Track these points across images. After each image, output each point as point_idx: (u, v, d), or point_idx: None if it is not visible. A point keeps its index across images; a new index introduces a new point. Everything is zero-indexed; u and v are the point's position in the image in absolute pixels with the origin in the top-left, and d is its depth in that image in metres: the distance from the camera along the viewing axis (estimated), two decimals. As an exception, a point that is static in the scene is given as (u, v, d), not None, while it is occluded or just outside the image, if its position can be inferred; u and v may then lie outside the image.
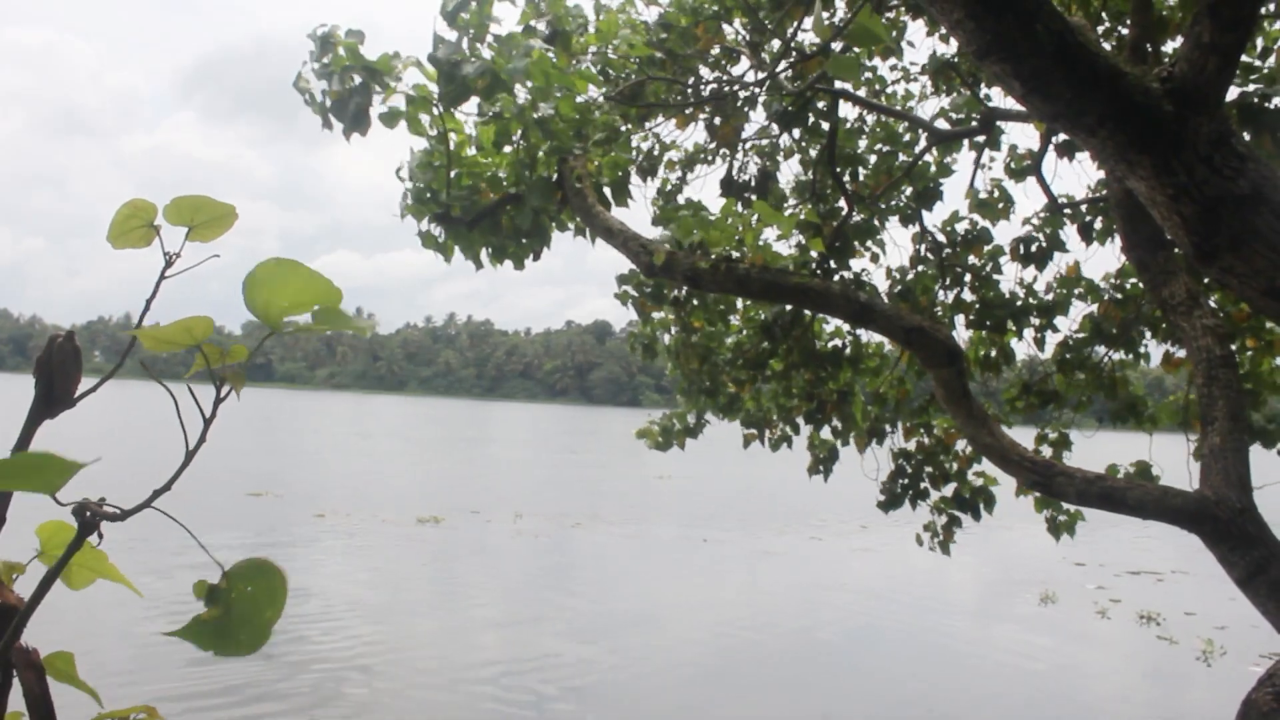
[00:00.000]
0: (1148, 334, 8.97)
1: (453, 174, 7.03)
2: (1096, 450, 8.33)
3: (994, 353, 9.43)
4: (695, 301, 8.56)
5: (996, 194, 9.37)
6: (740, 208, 7.58)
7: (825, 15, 7.72)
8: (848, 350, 8.86)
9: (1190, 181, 3.31)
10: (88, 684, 1.47)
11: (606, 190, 7.15)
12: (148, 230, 1.33)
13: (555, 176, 6.88)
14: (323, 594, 17.94)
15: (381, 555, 22.26)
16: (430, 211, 7.10)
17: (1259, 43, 7.36)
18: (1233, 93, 6.79)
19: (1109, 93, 3.25)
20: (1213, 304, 7.68)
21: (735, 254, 6.14)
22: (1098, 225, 8.91)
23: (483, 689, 12.96)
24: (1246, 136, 6.35)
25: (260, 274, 1.18)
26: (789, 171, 9.64)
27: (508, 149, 7.02)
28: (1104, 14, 7.96)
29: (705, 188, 36.30)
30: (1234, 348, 8.00)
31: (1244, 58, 7.25)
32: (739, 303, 8.72)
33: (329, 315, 1.19)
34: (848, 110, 9.14)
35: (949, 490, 9.19)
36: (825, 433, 9.33)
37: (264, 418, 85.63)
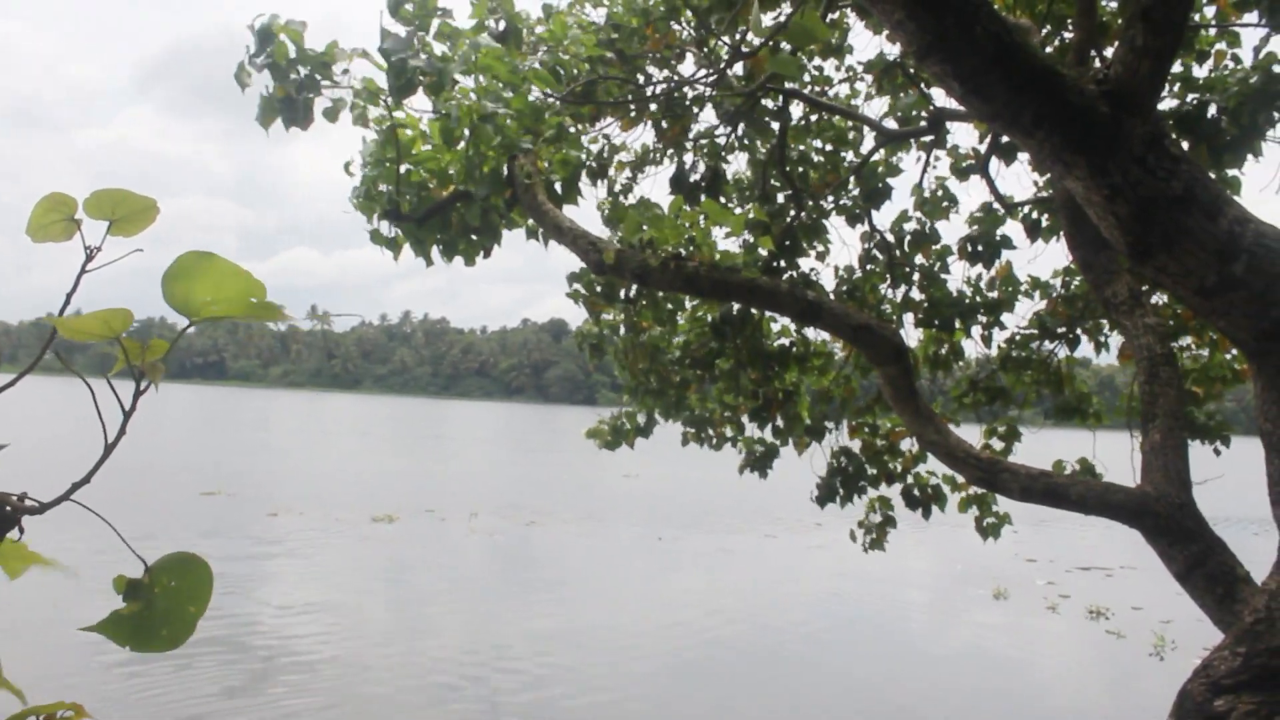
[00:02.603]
0: (1105, 326, 9.06)
1: (402, 169, 6.99)
2: (1047, 447, 8.44)
3: (944, 350, 9.51)
4: (644, 301, 8.57)
5: (941, 193, 9.45)
6: (690, 206, 7.59)
7: (771, 14, 7.75)
8: (795, 349, 8.90)
9: (1124, 182, 3.36)
10: (11, 682, 1.46)
11: (558, 187, 7.15)
12: (68, 224, 1.32)
13: (505, 173, 6.86)
14: (272, 593, 17.78)
15: (335, 554, 22.11)
16: (380, 207, 7.05)
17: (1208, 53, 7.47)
18: (1172, 103, 6.92)
19: (1046, 94, 3.30)
20: (1161, 301, 7.82)
21: (684, 252, 6.15)
22: (1045, 223, 9.01)
23: (434, 689, 12.91)
24: (1185, 146, 6.47)
25: (178, 267, 1.18)
26: (738, 170, 9.68)
27: (460, 145, 6.98)
28: (1049, 17, 8.05)
29: (656, 188, 36.35)
30: (1179, 345, 8.15)
31: (1181, 68, 7.40)
32: (687, 302, 8.73)
33: (243, 305, 1.19)
34: (797, 109, 9.18)
35: (895, 489, 9.25)
36: (768, 432, 9.36)
37: (217, 416, 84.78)
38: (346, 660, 13.90)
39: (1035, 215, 9.03)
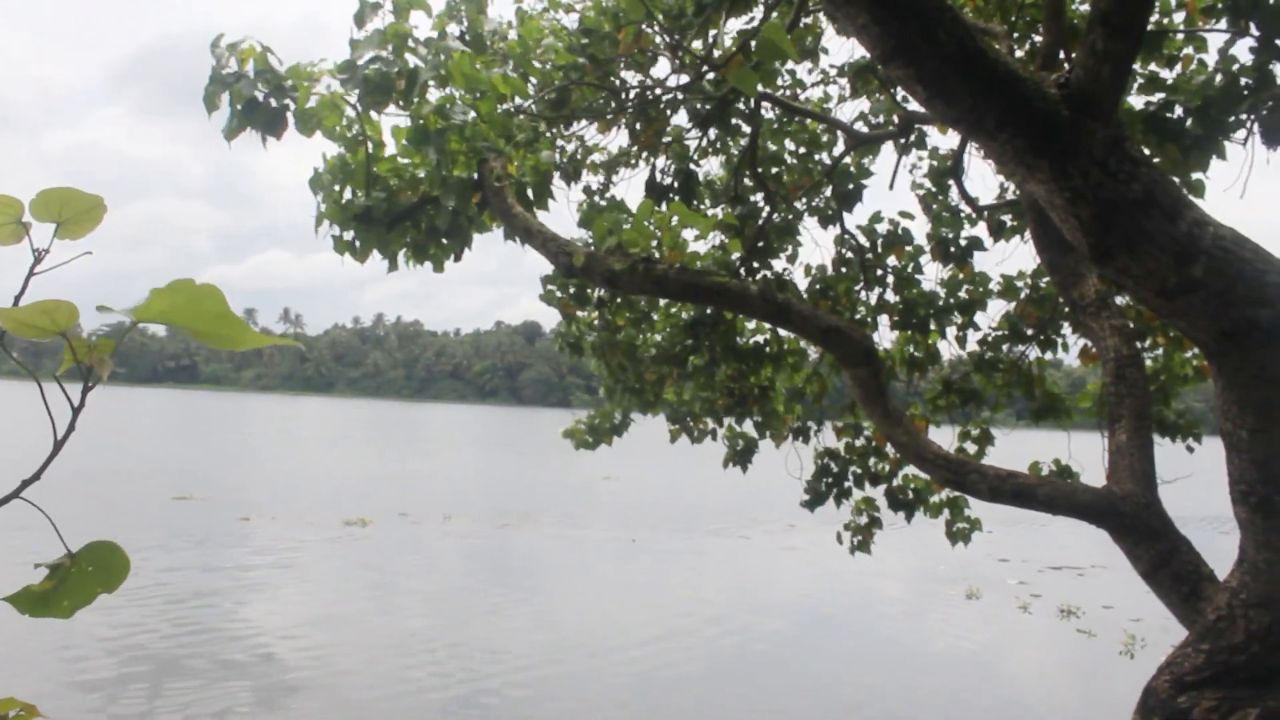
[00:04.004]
0: (1063, 330, 9.13)
1: (371, 174, 6.97)
2: (1020, 448, 8.49)
3: (918, 352, 9.56)
4: (618, 300, 8.58)
5: (926, 194, 9.50)
6: (663, 208, 7.61)
7: (744, 18, 7.78)
8: (769, 347, 8.93)
9: (1086, 185, 3.39)
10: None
11: (529, 192, 7.15)
12: (16, 227, 1.31)
13: (475, 177, 6.85)
14: (242, 599, 17.68)
15: (307, 559, 21.99)
16: (347, 213, 7.02)
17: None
18: (1139, 103, 6.99)
19: (1008, 98, 3.33)
20: (1125, 302, 7.88)
21: (654, 255, 6.16)
22: (1010, 225, 9.08)
23: (408, 694, 12.86)
24: (1154, 145, 6.53)
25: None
26: (711, 172, 9.69)
27: (428, 151, 6.98)
28: (1019, 21, 8.11)
29: (631, 190, 36.40)
30: (1144, 345, 8.22)
31: (1150, 69, 7.47)
32: (661, 301, 8.75)
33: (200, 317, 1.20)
34: (769, 111, 9.20)
35: (879, 491, 9.29)
36: (747, 426, 9.40)
37: (189, 420, 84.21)
38: (317, 667, 13.82)
39: (1001, 218, 9.09)
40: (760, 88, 8.57)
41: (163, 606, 16.46)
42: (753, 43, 6.42)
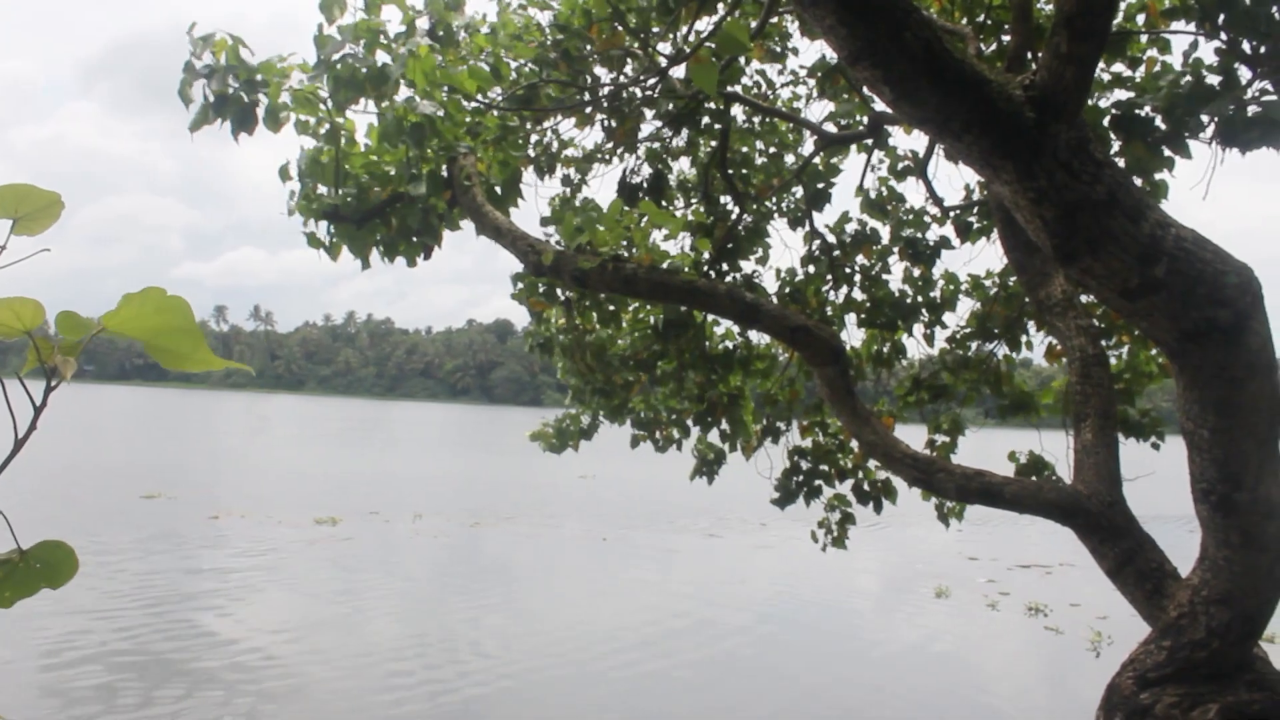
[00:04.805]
0: (1030, 328, 9.20)
1: (342, 171, 6.95)
2: (989, 446, 8.55)
3: (886, 350, 9.62)
4: (586, 301, 8.57)
5: (886, 193, 9.55)
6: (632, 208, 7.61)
7: (711, 18, 7.80)
8: (738, 352, 8.95)
9: (1050, 186, 3.43)
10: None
11: (499, 189, 7.14)
12: (-31, 224, 1.30)
13: (445, 174, 6.84)
14: (210, 600, 17.55)
15: (276, 558, 21.85)
16: (319, 209, 7.00)
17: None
18: (1106, 102, 7.06)
19: (973, 99, 3.35)
20: (1091, 301, 7.95)
21: (624, 254, 6.17)
22: (977, 225, 9.14)
23: (377, 694, 12.81)
24: (1120, 144, 6.60)
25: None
26: (682, 171, 9.70)
27: (399, 147, 6.96)
28: (987, 23, 8.17)
29: (604, 187, 36.33)
30: (1109, 344, 8.30)
31: (1117, 69, 7.54)
32: (630, 304, 8.75)
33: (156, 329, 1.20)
34: (740, 111, 9.22)
35: (846, 486, 9.33)
36: (714, 436, 9.40)
37: (158, 418, 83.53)
38: (285, 668, 13.75)
39: (968, 218, 9.15)
40: (730, 88, 8.60)
41: (126, 606, 16.33)
42: (710, 43, 6.44)
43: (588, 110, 8.49)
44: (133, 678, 12.66)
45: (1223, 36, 6.08)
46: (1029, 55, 6.34)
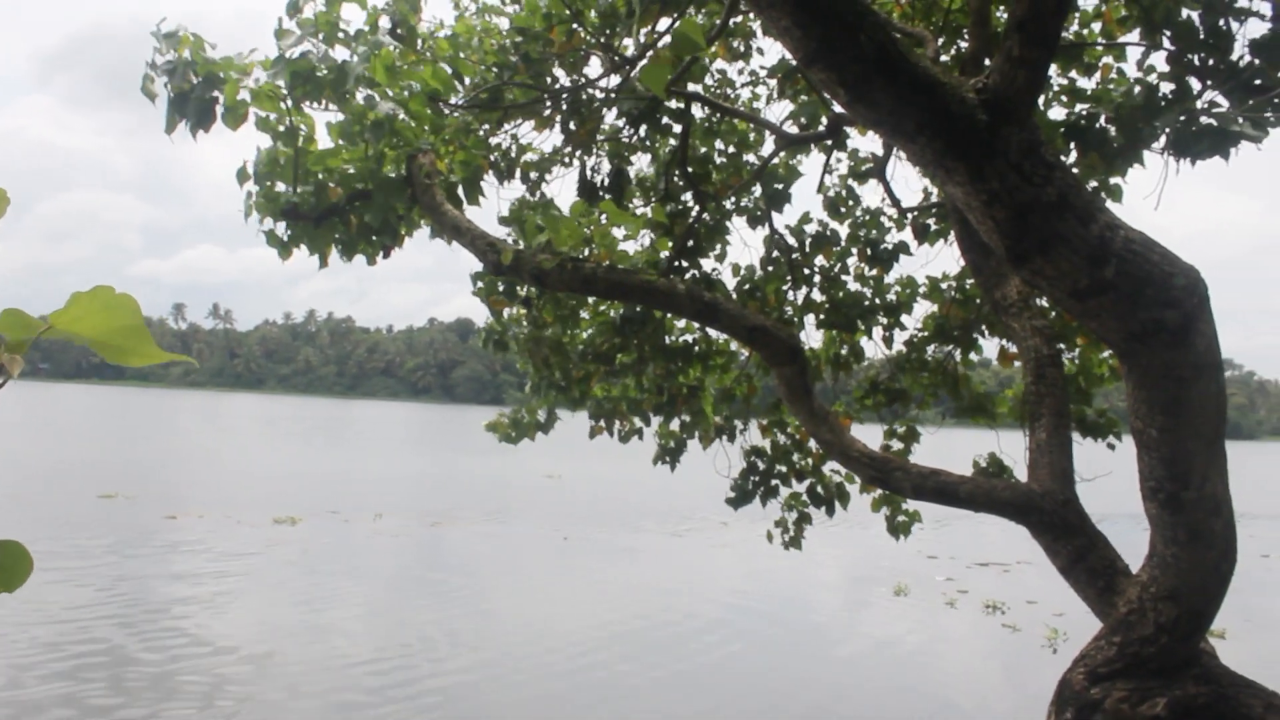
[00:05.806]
0: (985, 331, 9.31)
1: (300, 170, 6.90)
2: (948, 446, 8.62)
3: (845, 351, 9.68)
4: (545, 300, 8.57)
5: (845, 194, 9.62)
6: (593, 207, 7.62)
7: (670, 19, 7.82)
8: (697, 346, 8.98)
9: (1002, 188, 3.47)
10: None
11: (460, 189, 7.12)
12: (-89, 219, 1.29)
13: (405, 173, 6.81)
14: (166, 601, 17.38)
15: (235, 559, 21.66)
16: (277, 208, 6.95)
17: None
18: (1060, 113, 7.14)
19: (927, 102, 3.39)
20: (1046, 303, 8.05)
21: (583, 253, 6.18)
22: (934, 227, 9.23)
23: (338, 693, 12.75)
24: (1075, 154, 6.69)
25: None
26: (642, 170, 9.72)
27: (359, 144, 6.93)
28: (945, 27, 8.24)
29: (565, 189, 36.32)
30: (1063, 346, 8.40)
31: (1071, 77, 7.64)
32: (590, 299, 8.75)
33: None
34: (700, 110, 9.25)
35: (803, 487, 9.39)
36: (675, 425, 9.44)
37: (115, 417, 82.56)
38: (240, 669, 13.64)
39: (926, 220, 9.24)
40: (692, 86, 8.63)
41: (82, 608, 16.15)
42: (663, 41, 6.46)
43: (547, 113, 8.48)
44: (97, 680, 12.52)
45: (1169, 48, 6.18)
46: (986, 60, 6.41)
